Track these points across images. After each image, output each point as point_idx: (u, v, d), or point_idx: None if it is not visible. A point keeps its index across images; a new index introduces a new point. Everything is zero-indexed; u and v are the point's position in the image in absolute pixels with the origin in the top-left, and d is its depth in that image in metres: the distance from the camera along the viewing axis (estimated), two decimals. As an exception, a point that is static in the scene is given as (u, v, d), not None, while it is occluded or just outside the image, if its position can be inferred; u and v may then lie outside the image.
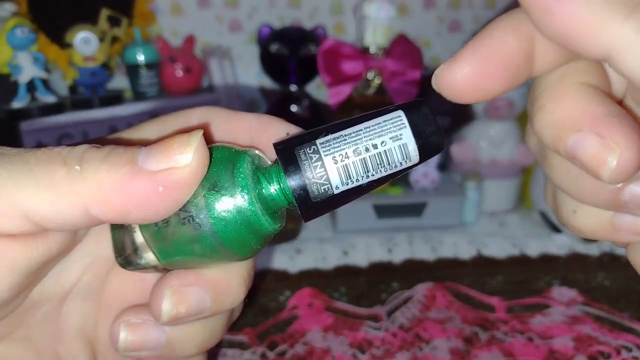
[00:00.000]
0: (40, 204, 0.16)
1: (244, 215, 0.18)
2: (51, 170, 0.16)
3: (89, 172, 0.16)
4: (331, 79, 0.68)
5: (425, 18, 0.80)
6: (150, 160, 0.16)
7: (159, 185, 0.16)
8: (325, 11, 0.78)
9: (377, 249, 0.56)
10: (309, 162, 0.17)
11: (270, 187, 0.18)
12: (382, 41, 0.67)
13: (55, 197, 0.16)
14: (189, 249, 0.18)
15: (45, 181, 0.16)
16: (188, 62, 0.68)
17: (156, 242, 0.18)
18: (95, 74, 0.63)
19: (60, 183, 0.16)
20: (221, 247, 0.18)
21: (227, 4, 0.75)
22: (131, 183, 0.16)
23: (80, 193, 0.16)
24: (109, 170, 0.16)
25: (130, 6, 0.68)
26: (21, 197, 0.15)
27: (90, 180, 0.16)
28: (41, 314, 0.20)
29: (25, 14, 0.61)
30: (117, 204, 0.16)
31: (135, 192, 0.16)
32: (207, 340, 0.22)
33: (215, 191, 0.17)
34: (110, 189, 0.16)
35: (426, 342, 0.41)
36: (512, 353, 0.40)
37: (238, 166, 0.18)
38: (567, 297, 0.47)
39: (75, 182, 0.16)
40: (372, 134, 0.18)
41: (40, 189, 0.16)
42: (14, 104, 0.57)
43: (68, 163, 0.16)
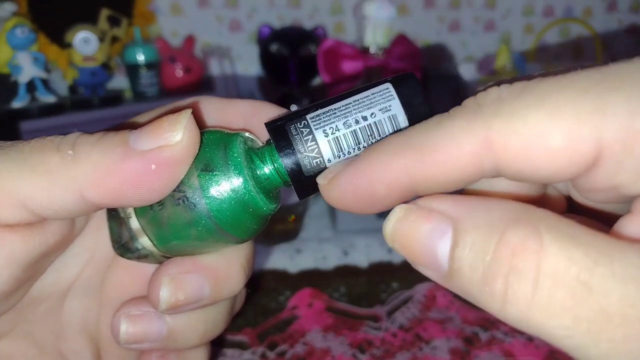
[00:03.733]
0: (36, 191, 0.16)
1: (238, 195, 0.18)
2: (45, 157, 0.16)
3: (82, 156, 0.16)
4: (331, 78, 0.68)
5: (425, 18, 0.80)
6: (141, 140, 0.16)
7: (152, 164, 0.16)
8: (325, 11, 0.78)
9: (377, 249, 0.56)
10: (300, 136, 0.17)
11: (263, 167, 0.18)
12: (382, 41, 0.67)
13: (50, 183, 0.16)
14: (185, 231, 0.18)
15: (40, 168, 0.16)
16: (188, 62, 0.68)
17: (152, 227, 0.18)
18: (95, 74, 0.63)
19: (54, 169, 0.16)
20: (217, 227, 0.18)
21: (227, 4, 0.75)
22: (124, 164, 0.16)
23: (74, 177, 0.16)
24: (101, 153, 0.16)
25: (130, 6, 0.68)
26: (17, 185, 0.16)
27: (84, 163, 0.16)
28: (42, 310, 0.20)
29: (26, 14, 0.61)
30: (112, 186, 0.16)
31: (128, 172, 0.16)
32: (209, 330, 0.21)
33: (208, 171, 0.17)
34: (103, 171, 0.16)
35: (426, 342, 0.41)
36: (512, 353, 0.40)
37: (231, 147, 0.18)
38: (567, 297, 0.47)
39: (69, 166, 0.16)
40: (362, 106, 0.17)
41: (35, 175, 0.16)
42: (14, 104, 0.57)
43: (61, 149, 0.16)
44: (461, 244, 0.13)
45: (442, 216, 0.13)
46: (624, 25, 0.90)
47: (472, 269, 0.12)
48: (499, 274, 0.12)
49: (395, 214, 0.15)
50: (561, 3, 0.85)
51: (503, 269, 0.12)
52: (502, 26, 0.84)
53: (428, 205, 0.14)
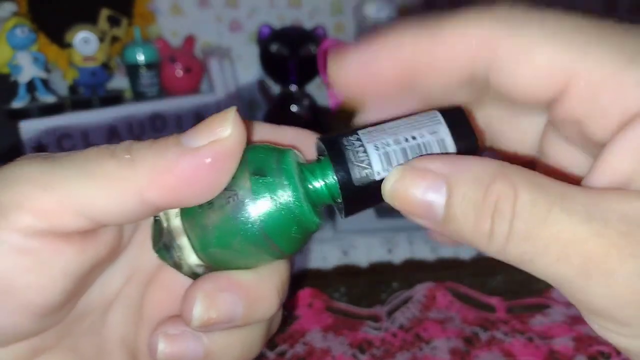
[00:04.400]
0: (95, 197, 0.16)
1: (288, 203, 0.18)
2: (102, 163, 0.16)
3: (138, 158, 0.16)
4: (331, 79, 0.68)
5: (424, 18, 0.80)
6: (193, 138, 0.17)
7: (206, 158, 0.16)
8: (325, 11, 0.78)
9: (377, 249, 0.56)
10: (351, 147, 0.18)
11: (314, 181, 0.18)
12: (382, 41, 0.67)
13: (109, 188, 0.16)
14: (229, 235, 0.18)
15: (98, 174, 0.16)
16: (188, 62, 0.68)
17: (196, 228, 0.18)
18: (95, 74, 0.63)
19: (112, 173, 0.16)
20: (263, 233, 0.18)
21: (227, 4, 0.75)
22: (180, 161, 0.16)
23: (133, 180, 0.16)
24: (157, 153, 0.16)
25: (130, 6, 0.68)
26: (76, 192, 0.16)
27: (141, 166, 0.16)
28: (87, 324, 0.20)
29: (25, 14, 0.61)
30: (170, 184, 0.16)
31: (185, 169, 0.16)
32: (245, 352, 0.21)
33: (260, 176, 0.18)
34: (161, 171, 0.16)
35: (426, 342, 0.41)
36: (512, 353, 0.40)
37: (283, 157, 0.18)
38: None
39: (127, 170, 0.16)
40: (410, 127, 0.18)
41: (93, 182, 0.16)
42: (14, 104, 0.57)
43: (117, 154, 0.16)
44: (454, 196, 0.15)
45: (435, 174, 0.16)
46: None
47: (465, 215, 0.15)
48: (487, 215, 0.15)
49: (392, 175, 0.16)
50: (561, 3, 0.85)
51: (489, 211, 0.15)
52: (502, 26, 0.84)
53: (422, 166, 0.16)
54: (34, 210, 0.16)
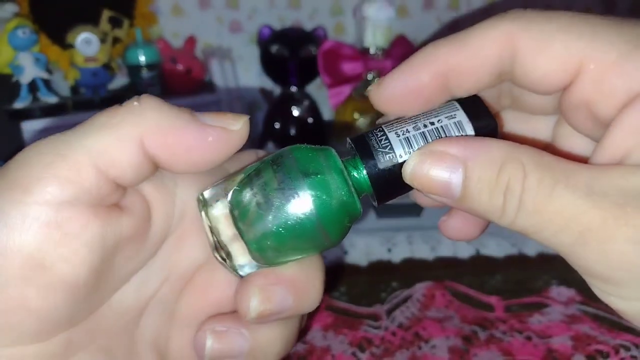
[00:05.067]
0: (107, 149, 0.17)
1: (341, 197, 0.19)
2: (112, 113, 0.17)
3: (148, 106, 0.17)
4: (331, 79, 0.68)
5: (424, 19, 0.80)
6: (205, 117, 0.18)
7: (209, 136, 0.18)
8: (325, 12, 0.78)
9: (377, 249, 0.56)
10: (375, 137, 0.20)
11: (354, 172, 0.20)
12: (381, 42, 0.67)
13: (118, 137, 0.17)
14: (287, 233, 0.19)
15: (107, 124, 0.17)
16: (189, 63, 0.68)
17: (254, 229, 0.19)
18: (97, 74, 0.63)
19: (121, 121, 0.17)
20: (321, 228, 0.19)
21: (227, 5, 0.75)
22: (187, 126, 0.17)
23: (138, 124, 0.17)
24: (168, 111, 0.18)
25: (132, 7, 0.68)
26: (88, 146, 0.17)
27: (149, 115, 0.17)
28: (121, 325, 0.20)
29: (27, 15, 0.62)
30: (169, 142, 0.17)
31: (188, 135, 0.17)
32: (284, 347, 0.22)
33: (314, 174, 0.19)
34: (166, 127, 0.17)
35: (425, 341, 0.42)
36: (511, 352, 0.40)
37: (329, 155, 0.20)
38: (566, 296, 0.47)
39: (135, 115, 0.17)
40: (429, 115, 0.20)
41: (103, 130, 0.17)
42: (16, 105, 0.57)
43: (126, 103, 0.17)
44: (470, 177, 0.17)
45: (453, 157, 0.17)
46: (623, 26, 0.90)
47: (480, 193, 0.17)
48: (499, 193, 0.17)
49: (412, 159, 0.18)
50: (560, 3, 0.85)
51: (502, 189, 0.17)
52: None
53: (440, 149, 0.18)
54: (55, 178, 0.16)
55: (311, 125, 0.74)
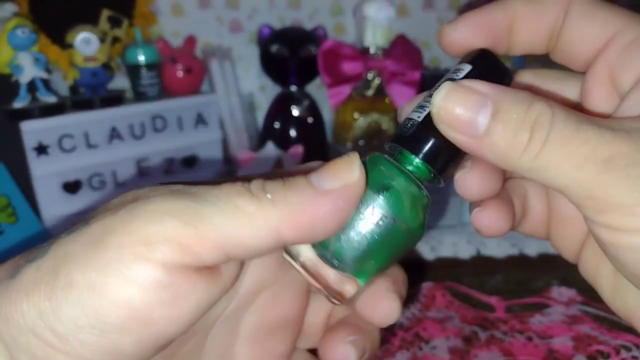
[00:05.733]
0: (236, 234, 0.17)
1: (418, 198, 0.20)
2: (244, 201, 0.17)
3: (278, 199, 0.18)
4: (331, 79, 0.68)
5: (424, 19, 0.80)
6: (324, 181, 0.18)
7: (339, 201, 0.18)
8: (325, 12, 0.78)
9: (377, 249, 0.56)
10: (402, 126, 0.21)
11: (407, 166, 0.21)
12: (381, 42, 0.67)
13: (251, 226, 0.17)
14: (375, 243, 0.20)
15: (241, 212, 0.17)
16: (189, 63, 0.68)
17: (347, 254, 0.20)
18: (96, 74, 0.63)
19: (255, 212, 0.17)
20: (410, 232, 0.20)
21: (227, 5, 0.75)
22: (316, 203, 0.18)
23: (273, 219, 0.17)
24: (294, 195, 0.18)
25: (131, 7, 0.68)
26: (218, 230, 0.17)
27: (281, 206, 0.18)
28: (190, 347, 0.21)
29: (26, 15, 0.62)
30: (305, 224, 0.18)
31: (319, 211, 0.18)
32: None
33: (384, 189, 0.20)
34: (298, 211, 0.18)
35: (426, 341, 0.42)
36: (512, 352, 0.40)
37: (386, 163, 0.21)
38: (566, 296, 0.47)
39: (269, 209, 0.17)
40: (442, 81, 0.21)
41: (237, 220, 0.17)
42: (15, 104, 0.57)
43: (256, 194, 0.18)
44: (499, 112, 0.17)
45: (483, 93, 0.18)
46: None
47: (506, 128, 0.17)
48: (526, 128, 0.17)
49: (443, 89, 0.18)
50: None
51: (529, 125, 0.17)
52: (502, 27, 0.85)
53: (469, 84, 0.18)
54: (180, 245, 0.17)
55: (311, 125, 0.74)
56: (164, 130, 0.65)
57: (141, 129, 0.63)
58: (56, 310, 0.16)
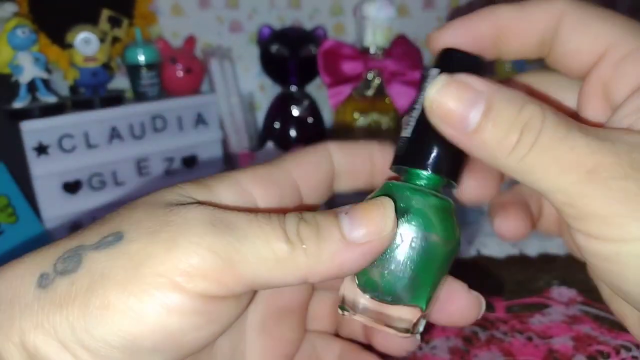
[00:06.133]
0: (269, 276, 0.18)
1: (438, 207, 0.20)
2: (279, 246, 0.18)
3: (311, 249, 0.18)
4: (331, 79, 0.68)
5: (425, 19, 0.80)
6: (356, 232, 0.19)
7: (366, 255, 0.19)
8: (325, 12, 0.78)
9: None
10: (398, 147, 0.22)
11: (418, 181, 0.21)
12: (382, 42, 0.67)
13: (283, 271, 0.18)
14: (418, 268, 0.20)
15: (273, 256, 0.18)
16: (189, 63, 0.68)
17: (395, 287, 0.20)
18: (96, 74, 0.63)
19: (288, 259, 0.18)
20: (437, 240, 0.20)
21: (227, 5, 0.75)
22: (344, 255, 0.18)
23: (303, 267, 0.18)
24: (326, 246, 0.18)
25: (131, 7, 0.68)
26: (254, 270, 0.18)
27: (313, 257, 0.18)
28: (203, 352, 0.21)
29: (26, 15, 0.62)
30: (331, 273, 0.19)
31: (347, 262, 0.19)
32: None
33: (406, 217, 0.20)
34: (327, 262, 0.18)
35: (426, 341, 0.42)
36: (512, 352, 0.40)
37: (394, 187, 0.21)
38: (567, 296, 0.47)
39: (301, 258, 0.18)
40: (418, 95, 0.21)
41: (271, 263, 0.18)
42: (15, 104, 0.57)
43: (292, 239, 0.18)
44: (491, 111, 0.17)
45: (478, 90, 0.18)
46: (623, 25, 0.90)
47: (496, 127, 0.17)
48: (517, 129, 0.17)
49: (438, 82, 0.18)
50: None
51: (520, 126, 0.17)
52: (502, 27, 0.85)
53: (466, 80, 0.18)
54: (217, 281, 0.17)
55: (311, 125, 0.74)
56: (164, 130, 0.65)
57: (141, 129, 0.63)
58: (90, 328, 0.16)
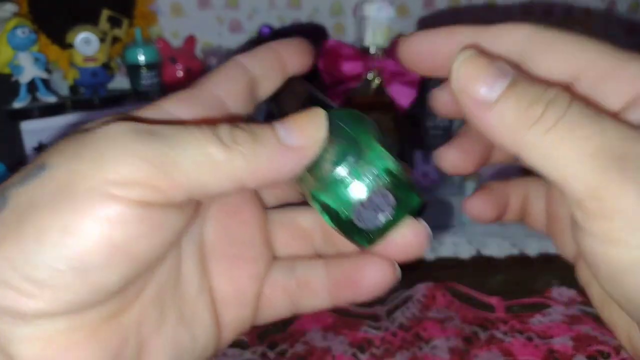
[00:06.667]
0: (206, 181, 0.18)
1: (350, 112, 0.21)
2: (214, 150, 0.18)
3: (247, 152, 0.18)
4: (331, 79, 0.68)
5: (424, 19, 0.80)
6: (291, 137, 0.19)
7: (303, 159, 0.19)
8: (325, 12, 0.78)
9: (377, 249, 0.56)
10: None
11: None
12: (381, 42, 0.67)
13: (219, 175, 0.18)
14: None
15: (210, 161, 0.18)
16: (188, 63, 0.68)
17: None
18: (96, 74, 0.63)
19: (224, 163, 0.18)
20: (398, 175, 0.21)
21: (227, 5, 0.75)
22: (281, 158, 0.19)
23: (240, 170, 0.18)
24: (262, 149, 0.18)
25: (131, 7, 0.68)
26: (189, 175, 0.18)
27: (249, 159, 0.18)
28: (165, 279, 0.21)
29: (26, 15, 0.62)
30: (269, 176, 0.19)
31: (284, 166, 0.19)
32: None
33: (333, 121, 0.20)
34: (264, 165, 0.18)
35: (426, 341, 0.42)
36: (512, 353, 0.40)
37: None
38: (567, 296, 0.47)
39: (237, 160, 0.18)
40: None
41: (206, 168, 0.18)
42: (15, 104, 0.57)
43: (227, 143, 0.18)
44: (519, 82, 0.17)
45: (506, 67, 0.18)
46: (623, 25, 0.90)
47: (520, 98, 0.17)
48: (542, 103, 0.17)
49: (468, 52, 0.18)
50: (560, 3, 0.85)
51: (546, 100, 0.17)
52: (502, 27, 0.85)
53: (497, 58, 0.18)
54: (152, 187, 0.17)
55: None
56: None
57: (141, 129, 0.63)
58: (31, 259, 0.16)
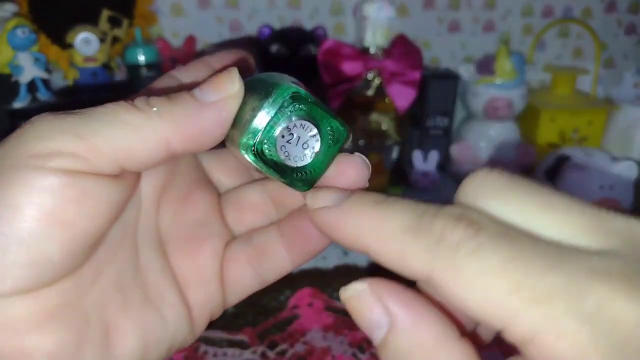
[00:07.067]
0: (128, 146, 0.18)
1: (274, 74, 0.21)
2: (130, 115, 0.18)
3: (164, 111, 0.18)
4: (331, 79, 0.68)
5: (424, 18, 0.80)
6: (208, 94, 0.19)
7: (223, 112, 0.19)
8: (325, 12, 0.78)
9: (377, 249, 0.56)
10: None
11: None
12: (381, 42, 0.67)
13: (140, 138, 0.18)
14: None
15: (129, 125, 0.18)
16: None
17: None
18: (96, 74, 0.63)
19: (142, 125, 0.18)
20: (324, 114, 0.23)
21: (227, 5, 0.75)
22: (201, 115, 0.19)
23: (161, 130, 0.18)
24: (179, 107, 0.19)
25: (131, 7, 0.68)
26: (109, 142, 0.17)
27: (168, 118, 0.18)
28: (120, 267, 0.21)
29: (26, 15, 0.62)
30: (193, 135, 0.19)
31: (205, 121, 0.19)
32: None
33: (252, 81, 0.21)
34: (185, 123, 0.18)
35: (426, 341, 0.42)
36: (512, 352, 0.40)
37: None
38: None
39: (156, 121, 0.18)
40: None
41: (126, 132, 0.18)
42: (15, 104, 0.57)
43: (142, 108, 0.18)
44: (388, 338, 0.16)
45: (383, 313, 0.16)
46: (623, 25, 0.90)
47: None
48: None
49: (352, 289, 0.17)
50: (560, 3, 0.85)
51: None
52: (502, 27, 0.85)
53: (378, 292, 0.17)
54: (74, 155, 0.17)
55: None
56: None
57: (141, 129, 0.64)
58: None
